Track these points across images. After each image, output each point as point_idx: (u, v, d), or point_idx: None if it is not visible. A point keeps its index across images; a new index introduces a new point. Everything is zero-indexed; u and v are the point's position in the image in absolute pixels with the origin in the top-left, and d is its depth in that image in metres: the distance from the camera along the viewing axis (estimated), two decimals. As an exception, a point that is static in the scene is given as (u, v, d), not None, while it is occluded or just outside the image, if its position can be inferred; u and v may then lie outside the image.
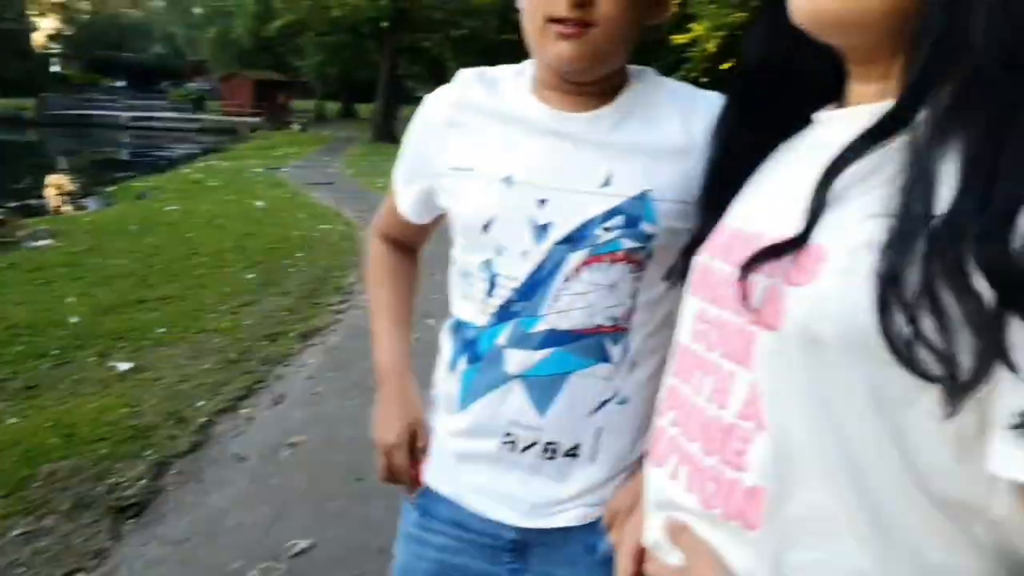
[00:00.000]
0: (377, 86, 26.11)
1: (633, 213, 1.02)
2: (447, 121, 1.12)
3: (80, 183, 16.19)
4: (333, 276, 6.58)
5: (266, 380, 4.19)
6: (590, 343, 1.04)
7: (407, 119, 1.42)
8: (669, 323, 1.02)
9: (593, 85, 1.05)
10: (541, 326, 1.04)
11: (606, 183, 1.02)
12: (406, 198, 1.24)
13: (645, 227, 1.02)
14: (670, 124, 1.05)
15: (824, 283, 0.59)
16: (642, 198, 1.02)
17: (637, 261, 1.04)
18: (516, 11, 1.04)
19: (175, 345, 4.61)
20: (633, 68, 1.11)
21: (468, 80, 1.14)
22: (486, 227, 1.06)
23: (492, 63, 1.19)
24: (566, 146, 1.05)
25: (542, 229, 1.03)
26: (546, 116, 1.06)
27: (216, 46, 43.72)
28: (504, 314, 1.06)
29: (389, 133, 24.65)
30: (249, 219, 9.29)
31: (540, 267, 1.04)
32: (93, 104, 39.03)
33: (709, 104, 1.03)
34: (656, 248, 1.03)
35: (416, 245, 1.36)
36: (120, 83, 58.66)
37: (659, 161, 1.03)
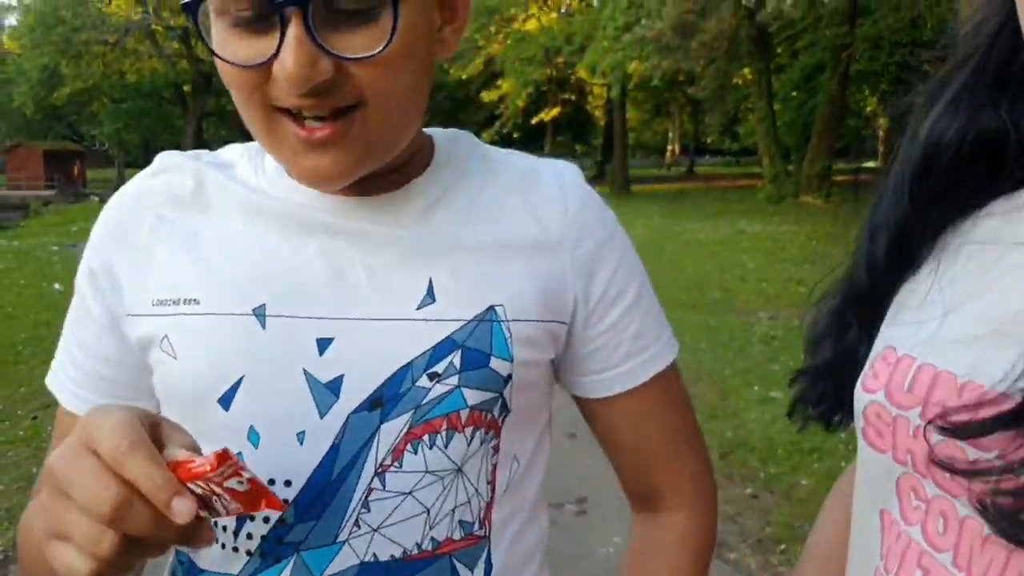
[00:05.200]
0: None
1: (475, 346, 0.65)
2: (153, 221, 0.69)
3: None
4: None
5: (75, 493, 3.74)
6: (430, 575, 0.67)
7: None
8: (540, 506, 0.76)
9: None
10: (342, 561, 0.64)
11: (427, 301, 0.65)
12: (81, 376, 0.71)
13: (496, 365, 0.66)
14: (509, 205, 0.71)
15: None
16: (488, 319, 0.66)
17: (490, 423, 0.67)
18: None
19: (-38, 463, 4.07)
20: (439, 132, 0.76)
21: (183, 163, 0.72)
22: (226, 398, 0.64)
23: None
24: (353, 249, 0.66)
25: (328, 389, 0.63)
26: (317, 203, 0.67)
27: (-4, 115, 40.51)
28: (272, 549, 0.65)
29: (199, 200, 23.69)
30: (46, 305, 8.45)
31: (330, 457, 0.64)
32: None
33: (557, 179, 0.73)
34: (513, 396, 0.68)
35: None
36: None
37: (503, 260, 0.68)
